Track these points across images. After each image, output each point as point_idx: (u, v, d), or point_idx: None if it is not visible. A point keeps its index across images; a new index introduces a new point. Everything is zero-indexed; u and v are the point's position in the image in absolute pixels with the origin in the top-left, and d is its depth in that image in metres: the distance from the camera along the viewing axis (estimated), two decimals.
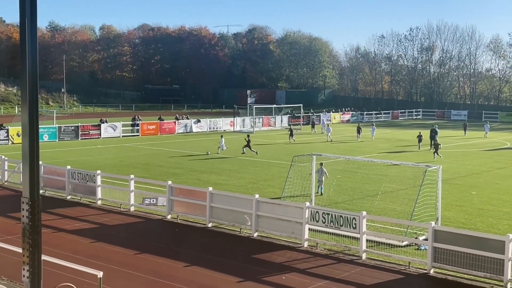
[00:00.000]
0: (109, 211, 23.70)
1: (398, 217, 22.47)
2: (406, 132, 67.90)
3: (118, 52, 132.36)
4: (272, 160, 40.26)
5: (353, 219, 18.00)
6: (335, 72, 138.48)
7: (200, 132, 63.56)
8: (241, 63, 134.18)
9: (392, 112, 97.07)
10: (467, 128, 65.16)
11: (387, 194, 27.68)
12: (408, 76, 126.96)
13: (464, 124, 67.50)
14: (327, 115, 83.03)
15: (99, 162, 37.71)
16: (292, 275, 16.10)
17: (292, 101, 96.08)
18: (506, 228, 21.30)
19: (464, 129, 65.06)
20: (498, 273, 15.24)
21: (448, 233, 16.41)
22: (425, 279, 16.18)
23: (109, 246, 18.70)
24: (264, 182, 31.03)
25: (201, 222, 21.61)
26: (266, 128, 70.39)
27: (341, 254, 18.07)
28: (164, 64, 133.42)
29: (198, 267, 16.62)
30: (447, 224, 21.37)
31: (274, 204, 20.25)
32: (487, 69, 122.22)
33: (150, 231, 21.27)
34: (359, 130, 58.00)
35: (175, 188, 22.72)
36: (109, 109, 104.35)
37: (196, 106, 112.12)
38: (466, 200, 27.05)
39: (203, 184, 28.80)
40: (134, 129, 58.82)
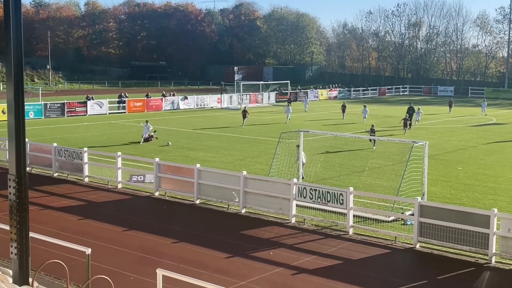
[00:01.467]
0: (96, 188, 23.66)
1: (384, 192, 22.64)
2: (393, 109, 68.10)
3: (103, 28, 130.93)
4: (259, 137, 40.29)
5: (340, 195, 18.11)
6: (323, 49, 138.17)
7: (187, 109, 63.32)
8: (228, 40, 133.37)
9: (379, 89, 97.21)
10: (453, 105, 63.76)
11: (374, 170, 27.84)
12: (395, 52, 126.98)
13: (450, 101, 65.81)
14: (314, 92, 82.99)
15: (85, 139, 37.54)
16: (280, 250, 16.23)
17: (279, 78, 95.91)
18: (491, 203, 21.56)
19: (450, 106, 63.35)
20: (483, 247, 15.45)
21: (434, 208, 16.58)
22: (411, 254, 16.38)
23: (97, 223, 18.71)
24: (252, 159, 31.08)
25: (189, 199, 21.65)
26: (254, 105, 70.24)
27: (328, 230, 18.22)
28: (150, 40, 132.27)
29: (186, 243, 16.70)
30: (433, 199, 21.58)
31: (262, 180, 20.31)
32: (474, 45, 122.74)
33: (138, 208, 21.29)
34: (344, 108, 54.80)
35: (163, 165, 22.70)
36: (95, 86, 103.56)
37: (183, 83, 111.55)
38: (452, 175, 27.30)
39: (191, 161, 28.80)
40: (120, 106, 58.45)
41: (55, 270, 12.96)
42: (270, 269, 14.72)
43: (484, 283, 14.41)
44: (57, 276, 13.38)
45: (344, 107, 54.92)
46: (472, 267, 15.14)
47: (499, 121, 53.74)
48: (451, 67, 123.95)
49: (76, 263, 13.20)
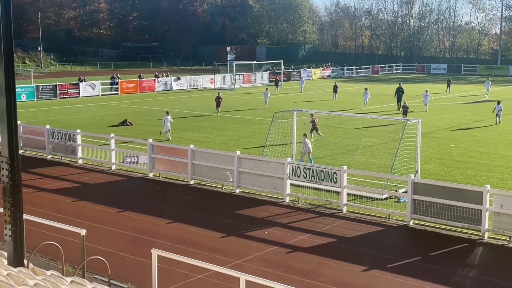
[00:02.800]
0: (90, 170, 23.65)
1: (378, 170, 22.75)
2: (387, 87, 68.04)
3: (94, 9, 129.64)
4: (253, 117, 40.26)
5: (334, 174, 18.18)
6: (315, 28, 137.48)
7: (180, 89, 63.11)
8: (221, 19, 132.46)
9: (372, 67, 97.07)
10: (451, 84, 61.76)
11: (367, 148, 27.93)
12: (388, 30, 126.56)
13: (448, 80, 63.59)
14: (307, 71, 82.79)
15: (78, 121, 37.42)
16: (274, 229, 16.32)
17: (272, 57, 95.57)
18: (484, 179, 21.70)
19: (448, 85, 61.18)
20: (476, 223, 15.59)
21: (427, 185, 16.68)
22: (404, 231, 16.51)
23: (91, 204, 18.73)
24: (246, 139, 31.09)
25: (183, 180, 21.68)
26: (247, 85, 70.07)
27: (322, 208, 18.31)
28: (142, 21, 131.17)
29: (181, 224, 16.76)
30: (426, 177, 21.70)
31: (256, 160, 20.35)
32: (467, 22, 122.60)
33: (132, 189, 21.32)
34: (336, 89, 52.73)
35: (156, 146, 22.69)
36: (87, 67, 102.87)
37: (176, 64, 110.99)
38: (445, 152, 27.41)
39: (184, 142, 28.80)
40: (113, 87, 58.18)
41: (50, 251, 13.01)
42: (265, 247, 14.82)
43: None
44: (52, 258, 13.44)
45: (336, 88, 52.77)
46: (465, 243, 15.28)
47: (491, 98, 53.82)
48: (444, 44, 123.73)
49: (71, 244, 13.24)
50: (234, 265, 13.42)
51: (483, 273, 13.59)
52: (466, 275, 13.39)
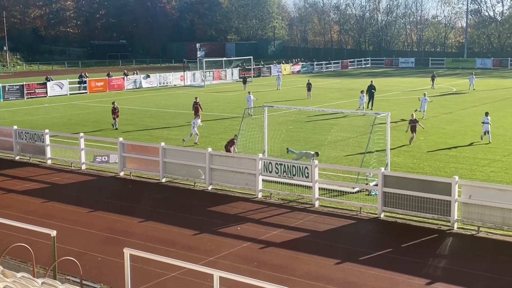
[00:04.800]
0: (60, 170, 23.35)
1: (349, 164, 22.94)
2: (356, 81, 68.58)
3: (61, 7, 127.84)
4: (224, 114, 40.19)
5: (305, 168, 18.27)
6: (285, 23, 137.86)
7: (150, 87, 62.66)
8: (189, 16, 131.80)
9: (342, 62, 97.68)
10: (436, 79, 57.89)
11: (338, 142, 28.11)
12: (356, 25, 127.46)
13: (433, 75, 59.21)
14: (277, 67, 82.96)
15: (47, 121, 36.90)
16: (247, 225, 16.33)
17: (242, 54, 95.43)
18: (453, 171, 22.04)
19: (432, 80, 57.36)
20: (445, 214, 15.82)
21: (397, 178, 16.88)
22: (375, 223, 16.67)
23: (61, 205, 18.50)
24: (217, 136, 31.03)
25: (155, 178, 21.55)
26: (217, 81, 69.91)
27: (294, 203, 18.39)
28: (110, 18, 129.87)
29: (153, 222, 16.66)
30: (396, 169, 21.96)
31: (227, 156, 20.34)
32: (433, 16, 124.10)
33: (103, 188, 21.11)
34: (309, 87, 49.83)
35: (127, 144, 22.50)
36: (54, 66, 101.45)
37: (145, 61, 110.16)
38: (414, 145, 27.74)
39: (155, 140, 28.61)
40: (81, 86, 57.48)
41: (21, 253, 12.82)
42: (238, 244, 14.82)
43: None
44: (22, 260, 13.25)
45: (309, 86, 49.93)
46: (435, 234, 15.49)
47: (459, 91, 54.64)
48: (411, 38, 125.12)
49: (42, 246, 13.07)
50: (207, 262, 13.40)
51: (453, 263, 13.80)
52: (436, 266, 13.59)
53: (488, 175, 21.73)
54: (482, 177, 21.34)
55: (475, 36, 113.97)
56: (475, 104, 44.27)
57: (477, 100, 46.68)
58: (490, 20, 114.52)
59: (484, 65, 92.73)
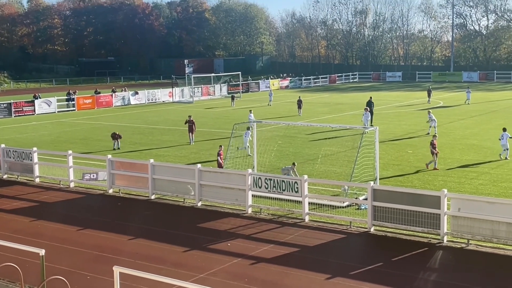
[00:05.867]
0: (48, 189, 23.20)
1: (338, 178, 22.98)
2: (344, 96, 68.94)
3: (48, 25, 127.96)
4: (213, 129, 40.20)
5: (295, 183, 18.27)
6: (272, 39, 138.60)
7: (138, 104, 62.60)
8: (177, 33, 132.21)
9: (330, 76, 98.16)
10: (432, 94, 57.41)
11: (327, 157, 28.16)
12: (343, 40, 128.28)
13: (428, 89, 58.40)
14: (266, 82, 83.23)
15: (35, 139, 36.72)
16: (238, 241, 16.28)
17: (230, 69, 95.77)
18: (441, 184, 22.12)
19: (428, 94, 56.62)
20: (435, 227, 15.86)
21: (386, 192, 16.92)
22: (366, 237, 16.67)
23: (50, 223, 18.36)
24: (206, 152, 30.99)
25: (144, 195, 21.47)
26: (206, 97, 69.99)
27: (284, 218, 18.36)
28: (98, 36, 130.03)
29: (143, 239, 16.57)
30: (385, 183, 22.02)
31: (217, 172, 20.31)
32: (419, 30, 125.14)
33: (92, 206, 20.98)
34: (300, 104, 48.30)
35: (116, 161, 22.42)
36: (42, 84, 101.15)
37: (133, 78, 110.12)
38: (403, 159, 27.86)
39: (144, 157, 28.55)
40: (69, 104, 57.32)
41: (9, 273, 12.69)
42: (229, 260, 14.76)
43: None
44: (11, 280, 13.10)
45: (300, 103, 48.27)
46: (425, 248, 15.51)
47: (446, 104, 55.03)
48: (398, 52, 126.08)
49: (30, 265, 12.95)
50: (198, 279, 13.33)
51: (443, 276, 13.81)
52: (427, 279, 13.59)
53: (476, 187, 21.84)
54: (471, 189, 21.44)
55: (461, 50, 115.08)
56: (462, 117, 44.60)
57: (464, 113, 47.03)
58: (476, 34, 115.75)
59: (470, 79, 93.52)
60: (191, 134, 33.84)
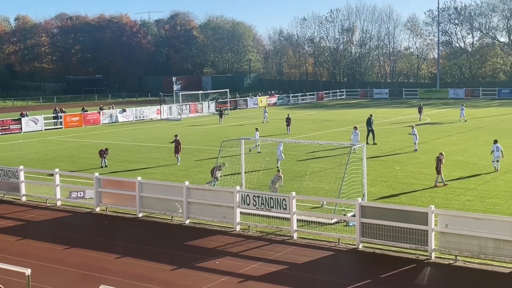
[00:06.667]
0: (34, 207, 23.01)
1: (326, 195, 22.99)
2: (332, 113, 69.23)
3: (35, 43, 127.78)
4: (201, 147, 40.16)
5: (283, 200, 18.26)
6: (260, 56, 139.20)
7: (126, 121, 62.48)
8: (165, 50, 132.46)
9: (317, 93, 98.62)
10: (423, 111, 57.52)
11: (315, 173, 28.20)
12: (330, 57, 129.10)
13: (419, 106, 58.69)
14: (253, 99, 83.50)
15: (21, 157, 36.47)
16: (226, 259, 16.21)
17: (218, 87, 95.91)
18: (429, 200, 22.21)
19: (420, 112, 56.84)
20: (422, 244, 15.89)
21: (374, 208, 16.96)
22: (354, 254, 16.66)
23: (36, 242, 18.20)
24: (194, 169, 30.94)
25: (131, 213, 21.35)
26: (194, 114, 70.02)
27: (273, 235, 18.32)
28: (85, 53, 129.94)
29: (130, 258, 16.45)
30: (373, 200, 22.06)
31: (205, 190, 20.26)
32: (406, 48, 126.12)
33: (78, 224, 20.83)
34: (289, 122, 47.73)
35: (103, 179, 22.31)
36: (29, 102, 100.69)
37: (121, 96, 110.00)
38: (390, 175, 27.96)
39: (132, 174, 28.43)
40: (57, 121, 57.09)
41: None
42: (217, 278, 14.68)
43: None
44: None
45: (289, 120, 47.80)
46: (413, 264, 15.53)
47: (433, 121, 55.40)
48: (385, 70, 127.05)
49: (16, 285, 12.80)
50: None
51: None
52: None
53: (463, 203, 21.94)
54: (458, 205, 21.54)
55: (447, 67, 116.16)
56: (449, 133, 44.91)
57: (450, 130, 47.38)
58: (461, 51, 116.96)
59: (456, 95, 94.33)
60: (177, 155, 33.12)
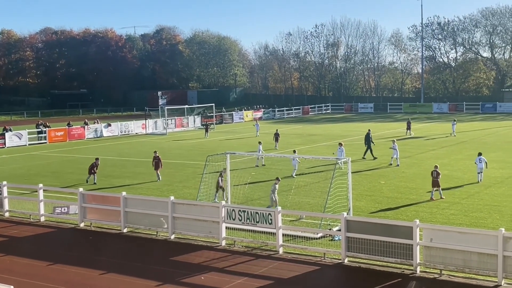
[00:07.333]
0: (18, 223, 22.77)
1: (312, 210, 23.00)
2: (317, 127, 69.46)
3: (20, 57, 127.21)
4: (186, 161, 40.06)
5: (268, 215, 18.23)
6: (245, 71, 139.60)
7: (111, 136, 62.19)
8: (151, 65, 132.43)
9: (303, 108, 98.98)
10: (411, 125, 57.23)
11: (300, 188, 28.22)
12: (316, 72, 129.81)
13: (408, 121, 58.18)
14: (239, 113, 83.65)
15: (4, 173, 36.12)
16: (211, 274, 16.13)
17: (204, 101, 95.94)
18: (413, 214, 22.30)
19: (408, 127, 56.46)
20: (408, 258, 15.93)
21: (360, 223, 16.99)
22: (339, 269, 16.66)
23: (19, 259, 17.99)
24: (179, 184, 30.84)
25: (116, 228, 21.20)
26: (179, 129, 69.93)
27: (258, 250, 18.28)
28: (70, 68, 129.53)
29: (115, 274, 16.31)
30: (359, 214, 22.10)
31: (190, 205, 20.18)
32: (390, 63, 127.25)
33: (62, 240, 20.64)
34: (277, 137, 46.90)
35: (87, 195, 22.16)
36: (13, 117, 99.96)
37: (106, 110, 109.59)
38: (376, 189, 28.05)
39: (117, 189, 28.25)
40: (41, 136, 56.69)
41: None
42: None
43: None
44: None
45: (277, 136, 46.95)
46: (398, 278, 15.55)
47: (417, 135, 55.76)
48: (369, 84, 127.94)
49: None
50: None
51: None
52: None
53: (448, 217, 22.05)
54: (443, 219, 21.64)
55: (431, 81, 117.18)
56: (433, 147, 45.21)
57: (435, 144, 47.71)
58: (445, 66, 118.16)
59: (440, 110, 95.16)
60: (157, 171, 32.35)
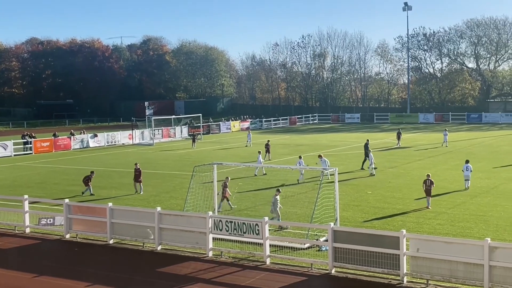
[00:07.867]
0: (2, 235, 22.54)
1: (299, 220, 22.99)
2: (304, 137, 69.58)
3: (5, 67, 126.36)
4: (173, 172, 39.93)
5: (255, 225, 18.20)
6: (233, 81, 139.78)
7: (97, 146, 61.86)
8: (137, 75, 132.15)
9: (290, 118, 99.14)
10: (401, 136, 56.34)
11: (288, 198, 28.18)
12: (303, 82, 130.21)
13: (398, 132, 57.09)
14: (226, 124, 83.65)
15: None
16: (198, 285, 16.04)
17: (191, 111, 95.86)
18: (400, 224, 22.35)
19: (398, 137, 55.76)
20: (394, 268, 15.95)
21: (346, 233, 17.00)
22: (327, 279, 16.64)
23: (3, 271, 17.79)
24: (166, 194, 30.71)
25: (102, 239, 21.04)
26: (166, 139, 69.72)
27: (245, 261, 18.22)
28: (56, 78, 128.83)
29: (100, 286, 16.18)
30: (346, 224, 22.12)
31: (177, 215, 20.09)
32: (376, 73, 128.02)
33: (47, 252, 20.45)
34: (268, 148, 46.65)
35: (73, 206, 21.99)
36: None
37: (93, 120, 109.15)
38: (362, 199, 28.11)
39: (103, 200, 28.08)
40: (27, 147, 56.27)
41: None
42: None
43: None
44: None
45: (268, 147, 46.68)
46: None
47: (403, 145, 55.99)
48: (356, 94, 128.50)
49: None
50: None
51: None
52: None
53: (434, 227, 22.13)
54: (429, 229, 21.71)
55: (417, 92, 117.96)
56: (420, 157, 45.43)
57: (421, 154, 47.95)
58: (431, 76, 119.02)
59: (426, 120, 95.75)
60: (137, 184, 31.57)
